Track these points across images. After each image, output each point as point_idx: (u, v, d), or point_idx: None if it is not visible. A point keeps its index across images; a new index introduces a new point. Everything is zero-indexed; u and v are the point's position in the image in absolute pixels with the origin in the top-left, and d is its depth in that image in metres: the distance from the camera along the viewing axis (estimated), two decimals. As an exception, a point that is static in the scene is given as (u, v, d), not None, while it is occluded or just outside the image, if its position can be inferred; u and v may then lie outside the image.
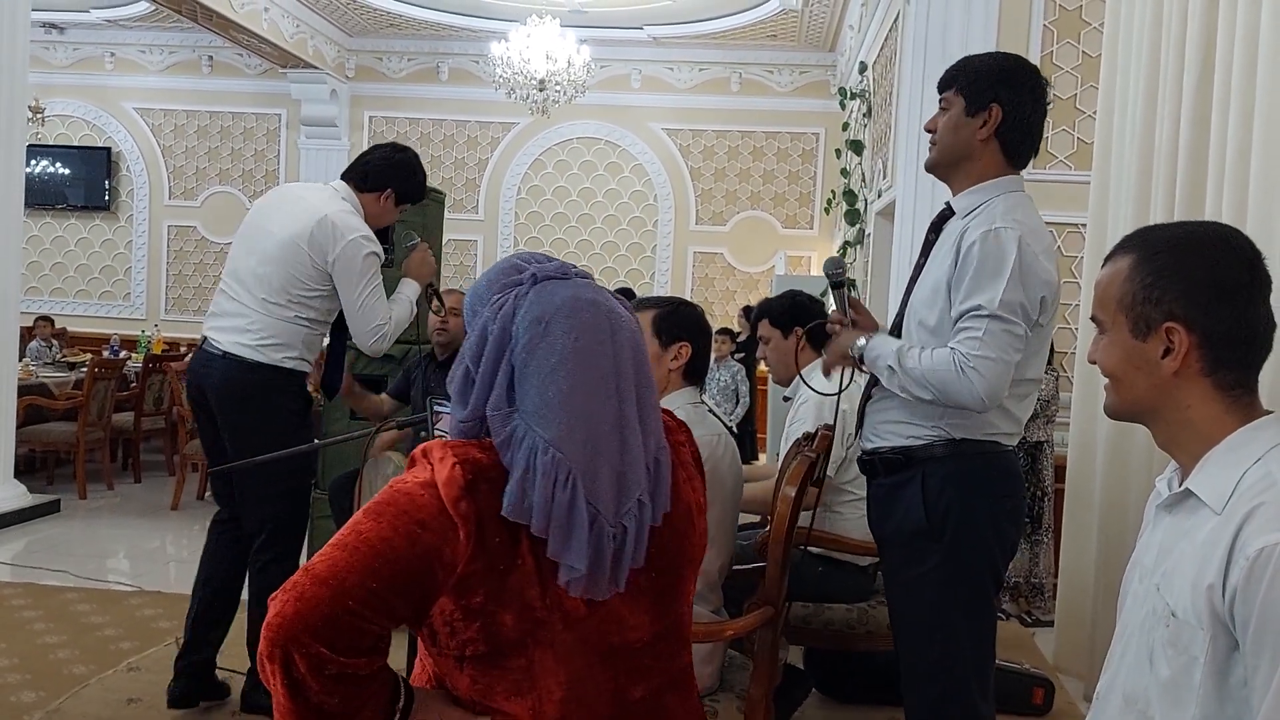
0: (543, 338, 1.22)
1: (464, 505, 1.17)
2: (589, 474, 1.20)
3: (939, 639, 2.04)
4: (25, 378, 6.38)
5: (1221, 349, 1.21)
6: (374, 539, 1.15)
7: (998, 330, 1.91)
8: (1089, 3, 4.70)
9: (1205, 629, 1.14)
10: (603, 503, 1.21)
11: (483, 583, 1.18)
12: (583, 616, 1.23)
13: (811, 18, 8.56)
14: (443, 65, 9.88)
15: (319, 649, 1.12)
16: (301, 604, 1.12)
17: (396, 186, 3.06)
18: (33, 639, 3.73)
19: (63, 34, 10.04)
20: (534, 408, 1.20)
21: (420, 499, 1.17)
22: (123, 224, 10.29)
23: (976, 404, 1.93)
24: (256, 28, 8.09)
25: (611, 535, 1.21)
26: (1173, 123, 3.10)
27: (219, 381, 2.91)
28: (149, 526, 5.78)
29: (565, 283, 1.27)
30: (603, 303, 1.27)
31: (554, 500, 1.18)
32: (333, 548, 1.16)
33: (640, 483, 1.24)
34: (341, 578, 1.13)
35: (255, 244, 2.93)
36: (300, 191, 3.06)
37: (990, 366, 1.90)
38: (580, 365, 1.21)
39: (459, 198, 9.75)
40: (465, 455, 1.20)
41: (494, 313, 1.25)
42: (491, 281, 1.30)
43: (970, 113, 2.05)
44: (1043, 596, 4.43)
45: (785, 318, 3.21)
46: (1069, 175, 4.69)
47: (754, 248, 9.69)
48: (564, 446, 1.19)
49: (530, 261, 1.31)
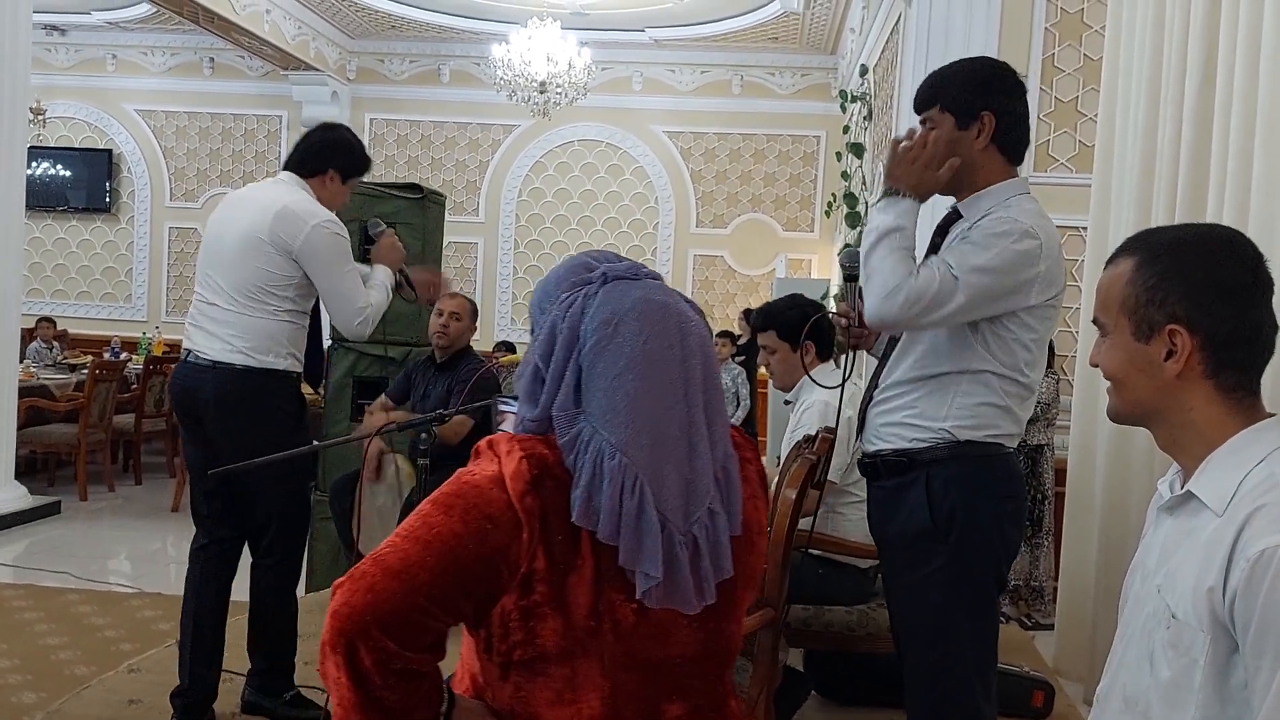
0: (611, 339, 1.20)
1: (529, 500, 1.15)
2: (656, 480, 1.18)
3: (942, 641, 2.04)
4: (26, 379, 6.38)
5: (1224, 351, 1.21)
6: (446, 534, 1.14)
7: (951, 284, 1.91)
8: (1090, 6, 4.71)
9: (1206, 631, 1.14)
10: (671, 510, 1.18)
11: (542, 581, 1.17)
12: (632, 628, 1.21)
13: (813, 20, 8.57)
14: (444, 67, 9.88)
15: (386, 643, 1.10)
16: (372, 596, 1.11)
17: (338, 164, 3.00)
18: (34, 640, 3.73)
19: (64, 36, 10.05)
20: (600, 410, 1.19)
21: (489, 493, 1.16)
22: (124, 226, 10.29)
23: (876, 299, 1.94)
24: (258, 30, 8.10)
25: (682, 544, 1.18)
26: (1174, 125, 3.10)
27: (212, 392, 2.87)
28: (150, 528, 5.78)
29: (635, 283, 1.25)
30: (673, 305, 1.25)
31: (622, 506, 1.16)
32: (404, 540, 1.15)
33: (709, 491, 1.21)
34: (414, 572, 1.12)
35: (219, 255, 2.90)
36: (249, 194, 3.02)
37: (909, 291, 1.91)
38: (649, 368, 1.19)
39: (460, 200, 9.75)
40: (532, 450, 1.19)
41: (563, 311, 1.23)
42: (560, 280, 1.28)
43: (962, 126, 2.05)
44: (1043, 600, 4.43)
45: (796, 332, 3.17)
46: (1070, 178, 4.69)
47: (755, 251, 9.70)
48: (630, 451, 1.17)
49: (600, 260, 1.28)
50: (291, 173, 2.99)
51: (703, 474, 1.21)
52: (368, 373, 4.55)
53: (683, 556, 1.18)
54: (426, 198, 4.59)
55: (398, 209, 4.51)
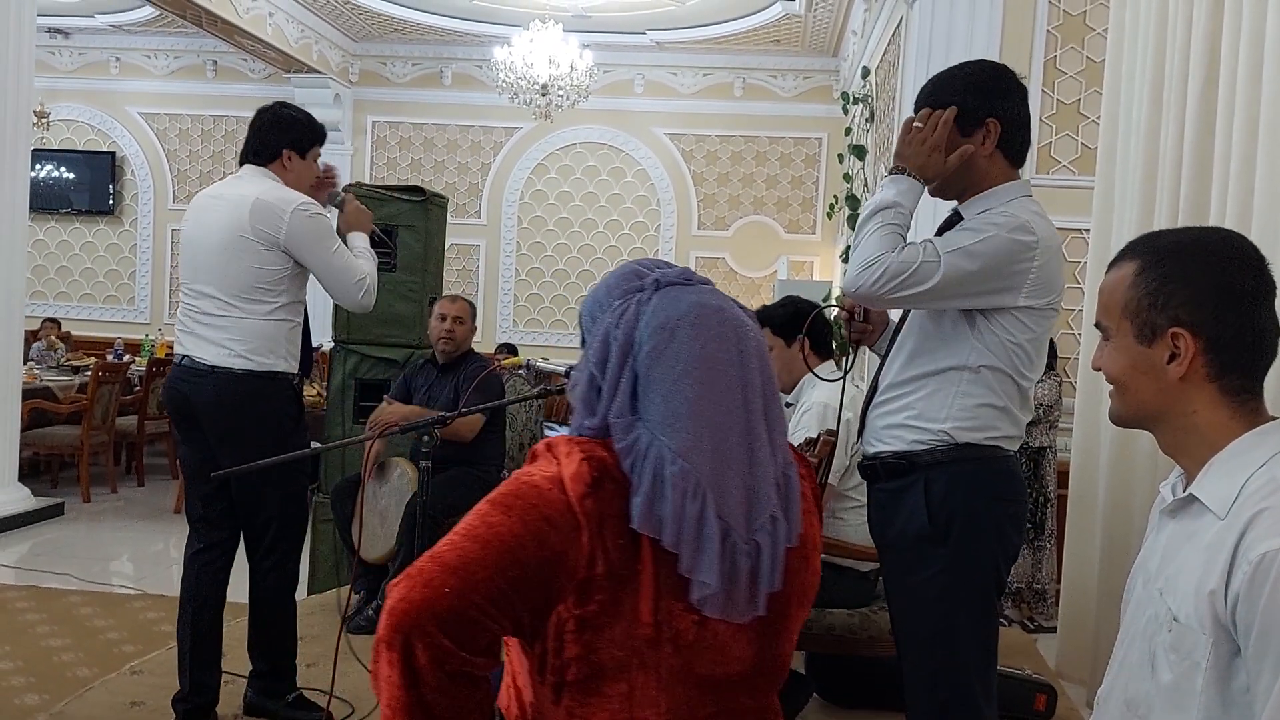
0: (668, 344, 1.19)
1: (589, 503, 1.14)
2: (718, 487, 1.16)
3: (942, 644, 2.03)
4: (30, 381, 6.39)
5: (1227, 354, 1.21)
6: (505, 534, 1.12)
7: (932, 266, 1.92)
8: (1093, 8, 4.71)
9: (1208, 634, 1.14)
10: (733, 517, 1.17)
11: (600, 589, 1.15)
12: (690, 641, 1.18)
13: (815, 23, 8.57)
14: (446, 70, 9.89)
15: (443, 640, 1.09)
16: (430, 591, 1.10)
17: (288, 142, 2.96)
18: (36, 642, 3.74)
19: (68, 39, 10.07)
20: (660, 416, 1.17)
21: (548, 494, 1.15)
22: (127, 228, 10.31)
23: (857, 270, 1.97)
24: (261, 33, 8.11)
25: (745, 552, 1.17)
26: (1177, 128, 3.10)
27: (211, 397, 2.85)
28: (152, 530, 5.79)
29: (689, 289, 1.24)
30: (729, 310, 1.24)
31: (684, 513, 1.14)
32: (462, 538, 1.13)
33: (770, 498, 1.20)
34: (472, 569, 1.11)
35: (203, 259, 2.88)
36: (217, 194, 2.98)
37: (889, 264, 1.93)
38: (707, 373, 1.18)
39: (462, 202, 9.76)
40: (591, 452, 1.17)
41: (616, 319, 1.22)
42: (611, 288, 1.27)
43: (966, 133, 2.05)
44: (1045, 602, 4.42)
45: (789, 326, 3.20)
46: (1072, 180, 4.70)
47: (756, 252, 9.70)
48: (692, 457, 1.15)
49: (652, 268, 1.27)
50: (250, 164, 2.97)
51: (764, 481, 1.19)
52: (369, 375, 4.56)
53: (744, 565, 1.17)
54: (429, 200, 4.60)
55: (400, 211, 4.52)
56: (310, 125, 3.04)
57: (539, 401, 4.65)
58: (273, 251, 2.83)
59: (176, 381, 2.95)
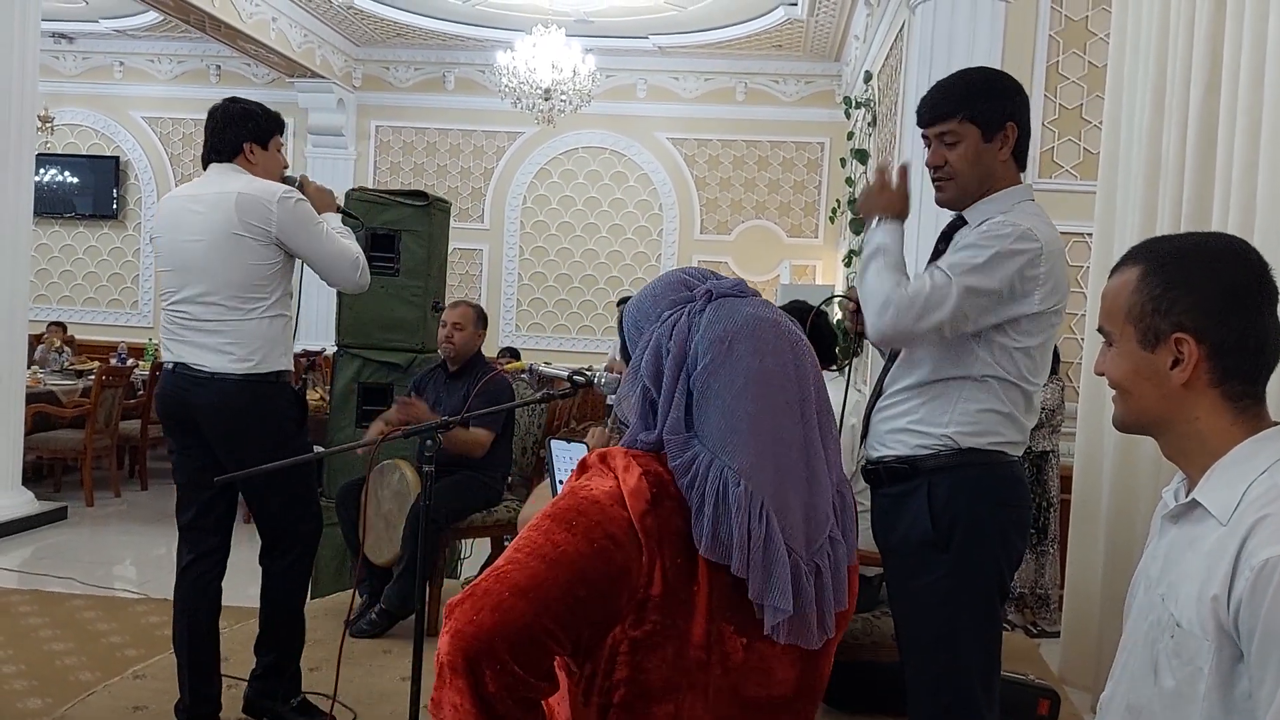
0: (726, 357, 1.14)
1: (649, 520, 1.10)
2: (781, 507, 1.12)
3: (945, 649, 2.03)
4: (34, 385, 6.41)
5: (1230, 359, 1.21)
6: (572, 553, 1.08)
7: (942, 292, 1.92)
8: (1095, 13, 4.71)
9: (1210, 640, 1.14)
10: (795, 539, 1.13)
11: (656, 610, 1.10)
12: (739, 663, 1.14)
13: (817, 27, 8.58)
14: (449, 75, 9.91)
15: (513, 666, 1.04)
16: (500, 615, 1.04)
17: (247, 135, 2.92)
18: (39, 646, 3.74)
19: (72, 44, 10.09)
20: (718, 433, 1.12)
21: (611, 510, 1.11)
22: (130, 232, 10.33)
23: (872, 320, 1.99)
24: (264, 38, 8.13)
25: (808, 574, 1.13)
26: (1179, 133, 3.10)
27: (213, 404, 2.81)
28: (155, 534, 5.78)
29: (744, 300, 1.20)
30: (783, 323, 1.20)
31: (750, 536, 1.09)
32: (529, 556, 1.08)
33: (829, 516, 1.16)
34: (544, 590, 1.06)
35: (191, 264, 2.81)
36: (187, 194, 2.92)
37: (907, 314, 1.94)
38: (767, 388, 1.13)
39: (464, 207, 9.77)
40: (649, 466, 1.13)
41: (668, 330, 1.17)
42: (658, 297, 1.22)
43: (988, 138, 2.04)
44: (1048, 607, 4.42)
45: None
46: (1074, 185, 4.70)
47: (759, 257, 9.70)
48: (755, 477, 1.11)
49: (701, 278, 1.23)
50: (214, 164, 2.93)
51: (822, 499, 1.15)
52: (373, 378, 4.56)
53: (809, 588, 1.13)
54: (432, 205, 4.60)
55: (403, 216, 4.52)
56: (266, 115, 2.99)
57: (542, 406, 4.65)
58: (265, 245, 2.79)
59: (172, 389, 2.89)
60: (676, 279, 1.24)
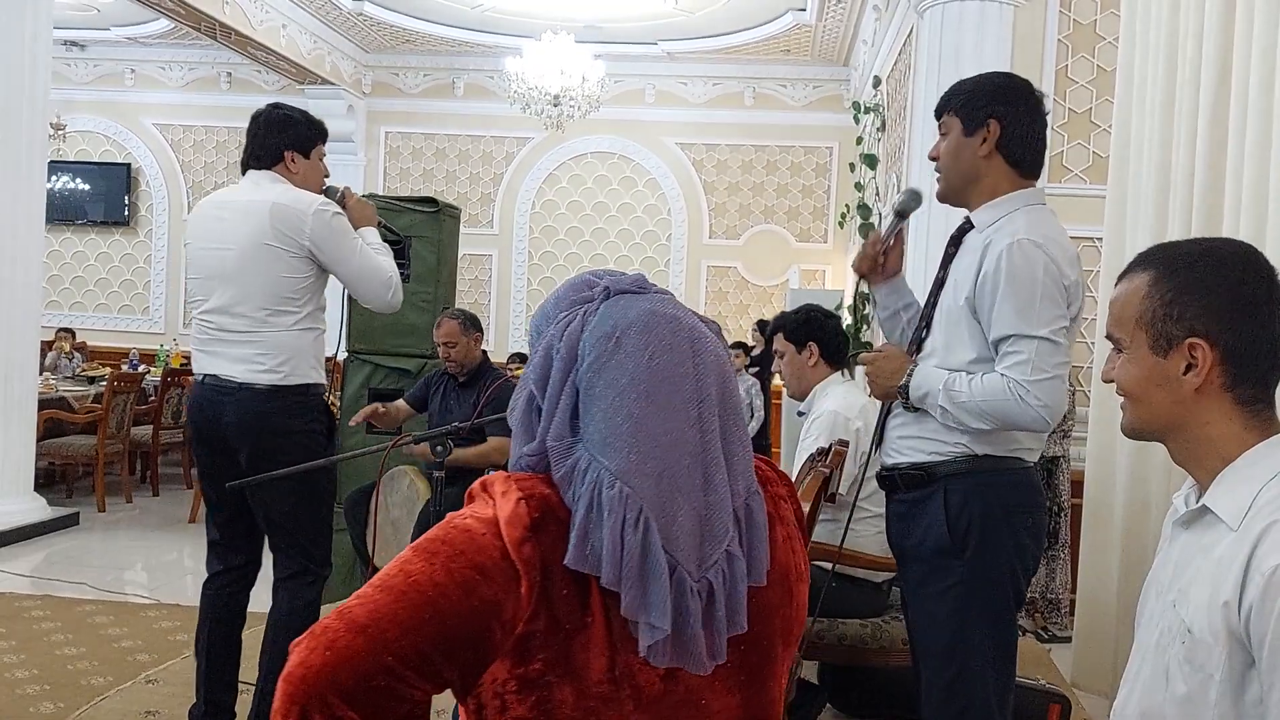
0: (613, 354, 1.04)
1: (528, 549, 0.99)
2: (664, 515, 1.01)
3: (959, 656, 2.03)
4: (46, 391, 6.44)
5: (1243, 364, 1.21)
6: (425, 584, 0.97)
7: (1046, 350, 1.92)
8: (1103, 17, 4.71)
9: (1221, 646, 1.14)
10: (681, 551, 1.01)
11: (544, 646, 1.00)
12: (658, 695, 1.03)
13: (825, 32, 8.58)
14: (458, 81, 9.94)
15: (348, 713, 0.94)
16: (332, 654, 0.95)
17: (288, 143, 2.82)
18: (52, 650, 3.76)
19: (84, 51, 10.15)
20: (600, 435, 1.02)
21: (481, 539, 1.00)
22: (142, 239, 10.38)
23: (1041, 425, 1.95)
24: (274, 45, 8.17)
25: (696, 592, 1.01)
26: (1189, 137, 3.10)
27: (242, 415, 2.73)
28: (167, 539, 5.81)
29: (641, 296, 1.09)
30: (683, 318, 1.09)
31: (624, 544, 0.98)
32: (376, 590, 0.99)
33: (727, 530, 1.04)
34: (382, 627, 0.96)
35: (220, 273, 2.74)
36: (221, 201, 2.84)
37: (1047, 387, 1.92)
38: (656, 386, 1.03)
39: (474, 212, 9.80)
40: (532, 490, 1.03)
41: (560, 331, 1.08)
42: (560, 299, 1.13)
43: (969, 132, 2.07)
44: (1059, 612, 4.41)
45: (799, 332, 3.21)
46: (1084, 189, 4.69)
47: (768, 261, 9.70)
48: (633, 479, 1.00)
49: (603, 276, 1.13)
50: (252, 170, 2.83)
51: (720, 510, 1.04)
52: (383, 384, 4.58)
53: (694, 607, 1.01)
54: (442, 211, 4.62)
55: (413, 222, 4.54)
56: (310, 123, 2.90)
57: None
58: (297, 257, 2.71)
59: (202, 402, 2.80)
60: (581, 280, 1.14)
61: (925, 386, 2.03)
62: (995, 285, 1.94)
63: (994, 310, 1.95)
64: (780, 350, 3.25)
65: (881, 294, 2.32)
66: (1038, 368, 1.91)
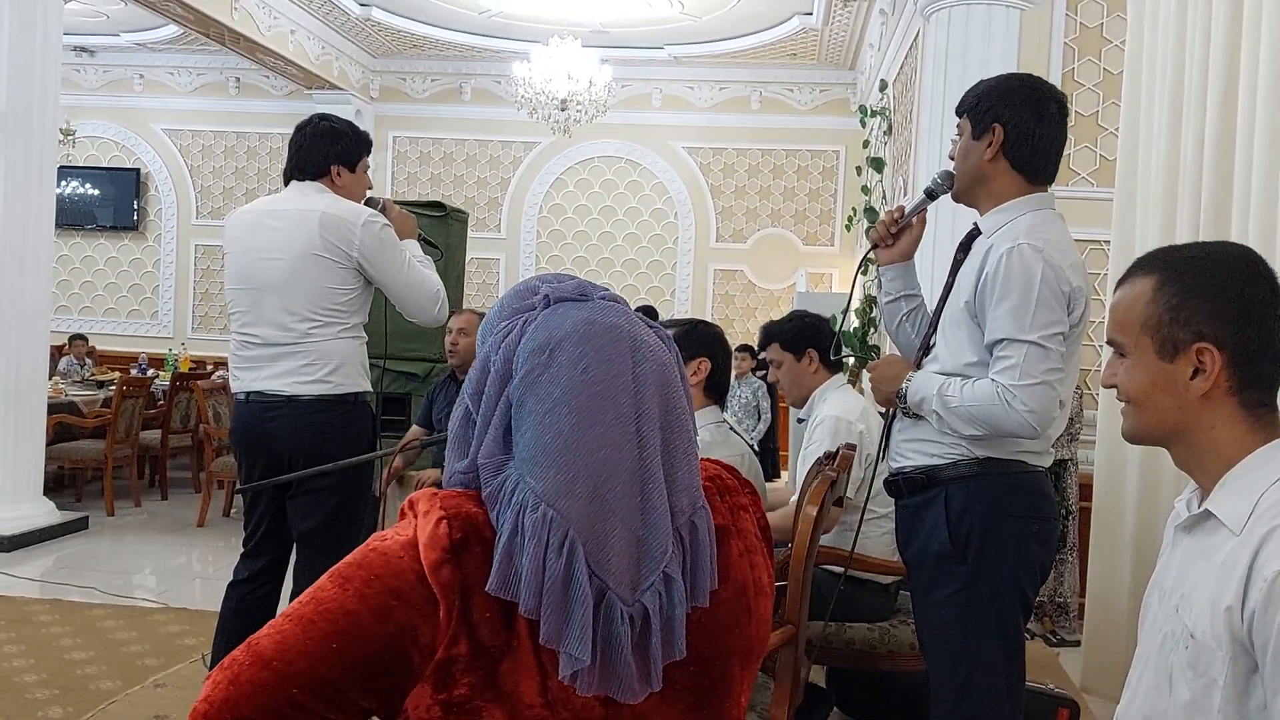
0: (545, 368, 0.98)
1: (446, 572, 0.94)
2: (595, 538, 0.95)
3: (965, 662, 2.02)
4: (55, 396, 6.46)
5: (1249, 368, 1.21)
6: (335, 611, 0.93)
7: (1036, 355, 1.91)
8: (1110, 20, 4.70)
9: (1224, 651, 1.13)
10: (613, 575, 0.96)
11: (467, 670, 0.95)
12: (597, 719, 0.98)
13: (831, 36, 8.59)
14: (465, 85, 9.97)
15: None
16: (235, 689, 0.91)
17: (336, 156, 2.80)
18: (60, 654, 3.77)
19: (93, 57, 10.21)
20: (530, 454, 0.97)
21: (398, 563, 0.95)
22: (151, 243, 10.42)
23: (1028, 431, 1.94)
24: (283, 50, 8.20)
25: (626, 616, 0.96)
26: (1197, 140, 3.09)
27: (292, 429, 2.68)
28: (175, 543, 5.83)
29: (581, 304, 1.04)
30: (624, 327, 1.02)
31: (545, 570, 0.93)
32: (286, 619, 0.94)
33: (665, 551, 0.98)
34: (290, 658, 0.92)
35: (263, 281, 2.71)
36: (265, 209, 2.80)
37: (1034, 393, 1.90)
38: (589, 402, 0.97)
39: (481, 216, 9.81)
40: (456, 509, 0.98)
41: (497, 343, 1.03)
42: (503, 307, 1.07)
43: (976, 135, 2.07)
44: (1068, 616, 4.40)
45: (796, 340, 3.20)
46: (1091, 192, 4.68)
47: (775, 265, 9.70)
48: (559, 501, 0.95)
49: (546, 282, 1.08)
50: (295, 181, 2.81)
51: (658, 530, 0.98)
52: (391, 388, 4.59)
53: (624, 634, 0.95)
54: (449, 215, 4.64)
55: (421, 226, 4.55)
56: (355, 136, 2.87)
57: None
58: (345, 269, 2.69)
59: (249, 420, 2.75)
60: (526, 287, 1.09)
61: (922, 392, 2.04)
62: (992, 289, 1.95)
63: (990, 314, 1.96)
64: (776, 360, 3.23)
65: (888, 276, 2.29)
66: (1025, 373, 1.90)
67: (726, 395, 2.66)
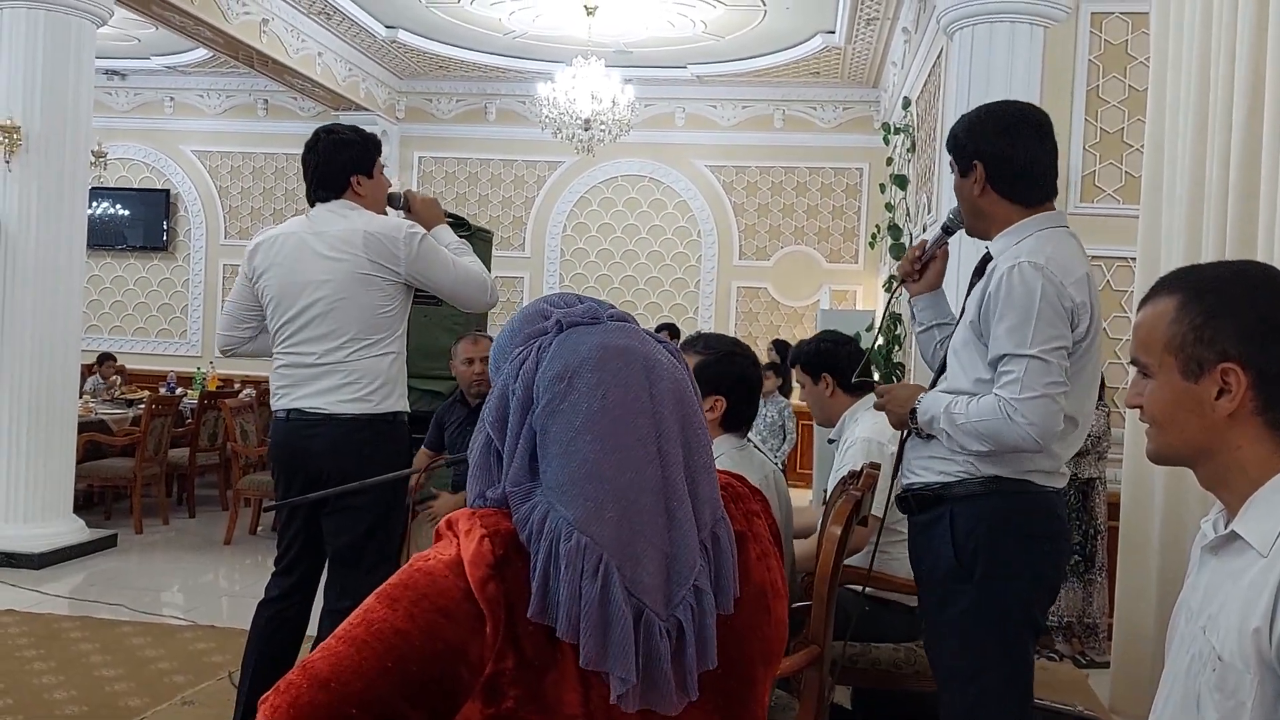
0: (565, 396, 1.02)
1: (492, 588, 0.97)
2: (628, 559, 0.98)
3: (971, 683, 2.01)
4: (85, 414, 6.54)
5: (1274, 387, 1.20)
6: (387, 631, 0.96)
7: (1037, 368, 1.91)
8: (1134, 37, 4.69)
9: (1252, 673, 1.12)
10: (648, 594, 0.99)
11: (515, 683, 0.98)
12: None
13: (854, 54, 8.59)
14: (490, 106, 10.05)
15: None
16: (295, 712, 0.94)
17: (353, 166, 2.82)
18: (90, 671, 3.80)
19: (124, 80, 10.37)
20: (557, 481, 1.00)
21: (443, 581, 0.98)
22: (180, 263, 10.55)
23: (1030, 444, 1.93)
24: (310, 72, 8.31)
25: (665, 631, 0.99)
26: (1222, 156, 3.07)
27: (330, 446, 2.71)
28: (203, 561, 5.87)
29: (593, 329, 1.06)
30: (636, 348, 1.06)
31: (582, 595, 0.96)
32: (339, 641, 0.97)
33: (693, 564, 1.02)
34: (345, 680, 0.94)
35: (310, 303, 2.74)
36: (304, 230, 2.81)
37: (1036, 406, 1.90)
38: (611, 428, 1.00)
39: (506, 235, 9.87)
40: (496, 527, 1.01)
41: (514, 369, 1.05)
42: (515, 332, 1.09)
43: (963, 174, 2.11)
44: (1096, 637, 4.34)
45: (812, 364, 3.20)
46: (1117, 209, 4.66)
47: (798, 282, 9.69)
48: (591, 528, 0.98)
49: (556, 305, 1.10)
50: (320, 205, 2.83)
51: (685, 546, 1.02)
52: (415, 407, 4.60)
53: (664, 649, 0.99)
54: (474, 234, 4.66)
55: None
56: (365, 140, 2.89)
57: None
58: (394, 284, 2.75)
59: (288, 437, 2.78)
60: (535, 310, 1.11)
61: (931, 411, 2.04)
62: (994, 307, 1.97)
63: (992, 332, 1.97)
64: (800, 382, 3.27)
65: (919, 306, 2.35)
66: (1026, 386, 1.91)
67: (749, 424, 2.63)
